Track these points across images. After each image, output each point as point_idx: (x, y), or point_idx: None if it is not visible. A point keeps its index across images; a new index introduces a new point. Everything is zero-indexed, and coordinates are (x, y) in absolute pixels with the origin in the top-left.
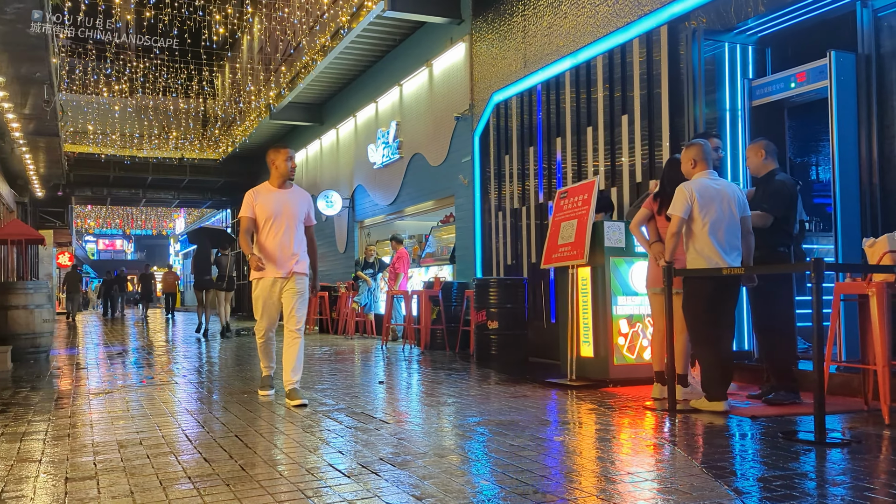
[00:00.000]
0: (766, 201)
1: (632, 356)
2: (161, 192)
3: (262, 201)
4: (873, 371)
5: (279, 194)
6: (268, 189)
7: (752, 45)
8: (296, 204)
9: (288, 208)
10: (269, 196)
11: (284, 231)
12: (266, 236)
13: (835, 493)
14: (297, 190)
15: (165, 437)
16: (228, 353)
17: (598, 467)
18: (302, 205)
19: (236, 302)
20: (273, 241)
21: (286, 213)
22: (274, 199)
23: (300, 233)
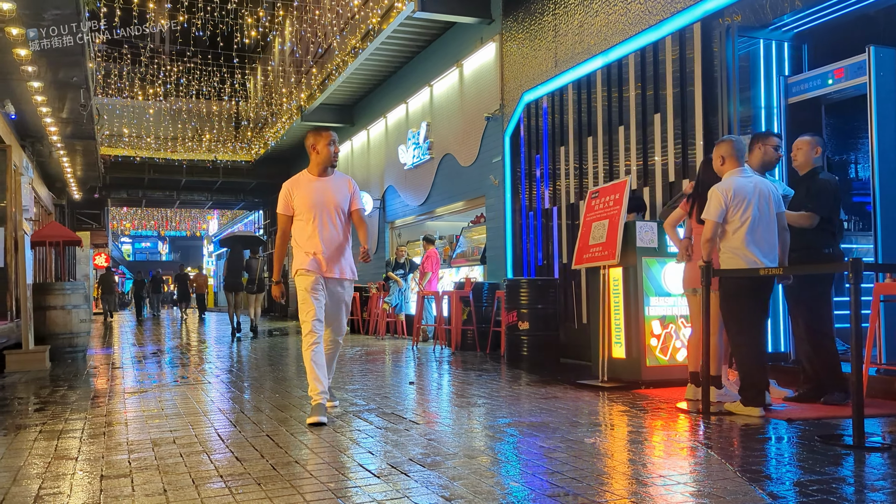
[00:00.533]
0: (810, 201)
1: (665, 357)
2: (195, 193)
3: (302, 193)
4: None
5: (320, 183)
6: (307, 178)
7: (788, 41)
8: (340, 192)
9: (332, 198)
10: (309, 186)
11: (330, 225)
12: (310, 233)
13: (874, 498)
14: (338, 176)
15: (198, 436)
16: (260, 353)
17: (630, 470)
18: (346, 192)
19: (268, 303)
20: (317, 237)
21: (330, 204)
22: (315, 190)
23: (348, 226)
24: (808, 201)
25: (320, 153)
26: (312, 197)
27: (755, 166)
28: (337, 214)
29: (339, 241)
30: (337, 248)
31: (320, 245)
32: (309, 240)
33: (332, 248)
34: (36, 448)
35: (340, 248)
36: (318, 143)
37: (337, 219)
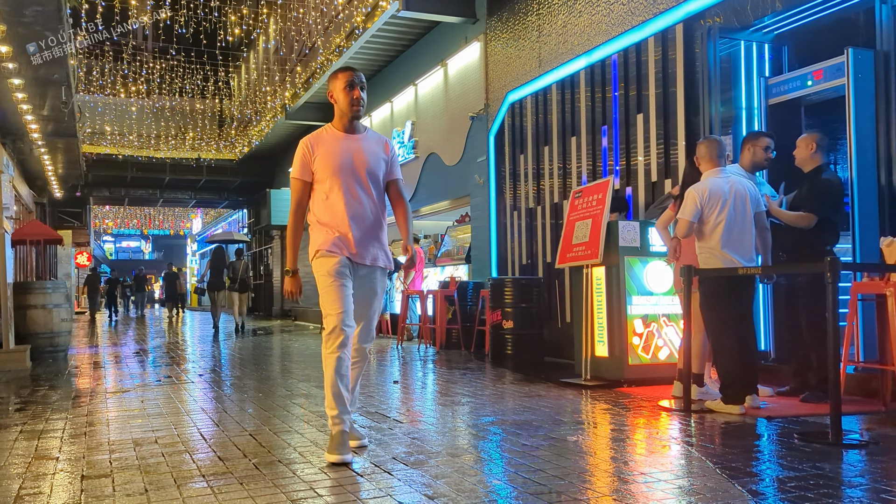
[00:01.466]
0: (810, 201)
1: (647, 356)
2: (178, 192)
3: (325, 152)
4: (892, 372)
5: (349, 141)
6: (332, 134)
7: (769, 42)
8: (372, 154)
9: (364, 160)
10: (334, 144)
11: (362, 195)
12: (334, 205)
13: (851, 494)
14: (372, 135)
15: (180, 435)
16: (244, 352)
17: (612, 467)
18: (381, 155)
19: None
20: (343, 210)
21: (362, 168)
22: (342, 149)
23: (383, 200)
24: (808, 201)
25: (339, 101)
26: (339, 157)
27: (745, 167)
28: (370, 182)
29: (373, 217)
30: (370, 227)
31: (347, 220)
32: (332, 214)
33: (364, 226)
34: (16, 448)
35: (374, 227)
36: (335, 87)
37: (370, 188)
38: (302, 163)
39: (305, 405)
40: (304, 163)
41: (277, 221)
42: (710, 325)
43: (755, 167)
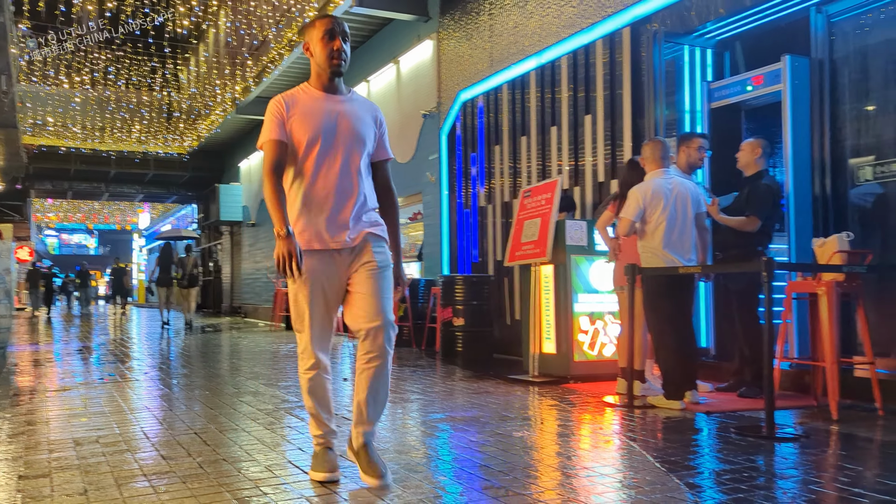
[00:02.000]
0: (753, 205)
1: (592, 353)
2: (124, 186)
3: (302, 114)
4: (823, 368)
5: (330, 103)
6: (309, 95)
7: (711, 48)
8: (360, 121)
9: (349, 126)
10: (312, 105)
11: (342, 167)
12: (310, 177)
13: (783, 486)
14: (358, 98)
15: (123, 434)
16: (192, 349)
17: (557, 462)
18: (369, 122)
19: (202, 299)
20: (323, 184)
21: (345, 135)
22: (322, 111)
23: (368, 172)
24: (751, 205)
25: (316, 54)
26: (319, 120)
27: (682, 167)
28: (359, 154)
29: (358, 194)
30: (357, 206)
31: (329, 201)
32: (310, 191)
33: (350, 205)
34: None
35: (363, 205)
36: (312, 38)
37: (359, 162)
38: (275, 121)
39: (253, 403)
40: (279, 121)
41: (227, 217)
42: (651, 323)
43: (691, 167)
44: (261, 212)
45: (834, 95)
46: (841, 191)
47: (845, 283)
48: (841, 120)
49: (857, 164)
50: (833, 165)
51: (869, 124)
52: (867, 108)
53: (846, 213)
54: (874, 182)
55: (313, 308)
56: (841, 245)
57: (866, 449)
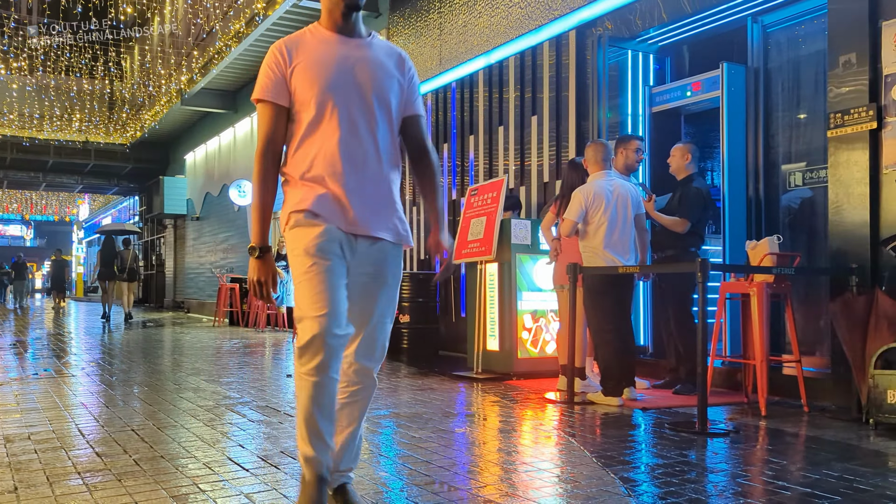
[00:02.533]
0: (681, 208)
1: (535, 350)
2: (63, 176)
3: (309, 62)
4: (753, 366)
5: (345, 47)
6: (319, 37)
7: (654, 53)
8: (382, 69)
9: (369, 76)
10: (322, 50)
11: (364, 129)
12: (321, 144)
13: (713, 479)
14: (379, 43)
15: (56, 431)
16: (132, 344)
17: (497, 458)
18: (394, 73)
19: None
20: (337, 152)
21: (366, 88)
22: (336, 57)
23: (395, 139)
24: (679, 208)
25: None
26: (330, 69)
27: (619, 169)
28: (379, 111)
29: (382, 166)
30: (377, 182)
31: (341, 168)
32: (319, 159)
33: (368, 179)
34: None
35: (383, 181)
36: None
37: (379, 120)
38: (271, 76)
39: (193, 399)
40: (276, 75)
41: (171, 210)
42: (591, 321)
43: (628, 169)
44: (205, 206)
45: (768, 103)
46: (773, 195)
47: (775, 285)
48: (774, 127)
49: (788, 169)
50: (766, 171)
51: (800, 131)
52: (799, 116)
53: (777, 217)
54: (804, 187)
55: (323, 282)
56: (771, 247)
57: (792, 444)
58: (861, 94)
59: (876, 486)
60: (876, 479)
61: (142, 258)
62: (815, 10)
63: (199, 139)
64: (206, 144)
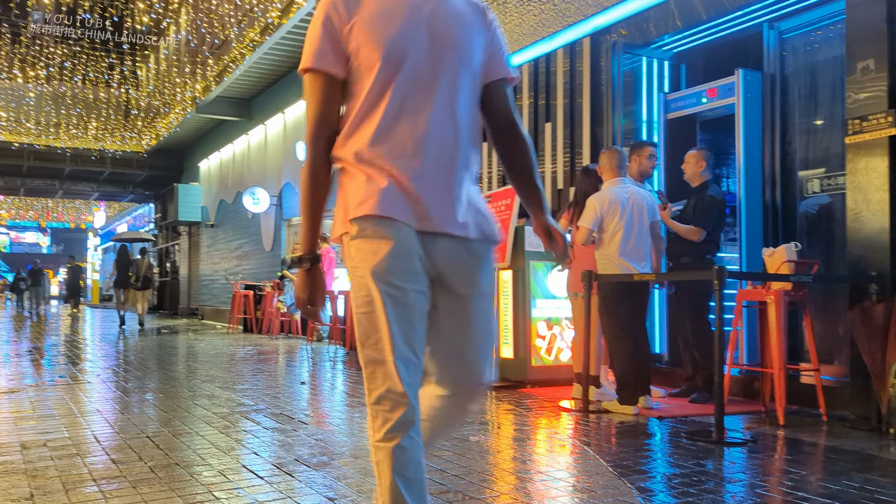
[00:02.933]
0: (696, 216)
1: (549, 358)
2: (79, 183)
3: (371, 16)
4: (771, 374)
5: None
6: None
7: (669, 60)
8: (461, 22)
9: (447, 31)
10: (385, 3)
11: (444, 101)
12: (383, 114)
13: (731, 489)
14: None
15: (72, 438)
16: (146, 351)
17: (512, 466)
18: (477, 26)
19: (158, 300)
20: (414, 130)
21: (446, 47)
22: (403, 10)
23: (475, 106)
24: (695, 216)
25: None
26: (397, 24)
27: (633, 175)
28: (462, 75)
29: (460, 147)
30: (455, 165)
31: (420, 149)
32: (380, 136)
33: (444, 162)
34: None
35: (463, 164)
36: None
37: (461, 88)
38: (322, 38)
39: (208, 406)
40: (329, 37)
41: (185, 217)
42: (606, 329)
43: (642, 175)
44: (220, 213)
45: (784, 109)
46: (790, 202)
47: (792, 292)
48: (791, 133)
49: (805, 176)
50: (783, 177)
51: (817, 138)
52: (816, 123)
53: (795, 224)
54: (822, 194)
55: (394, 315)
56: (789, 255)
57: (810, 453)
58: (880, 100)
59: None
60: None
61: (156, 265)
62: (831, 15)
63: (214, 147)
64: (220, 152)
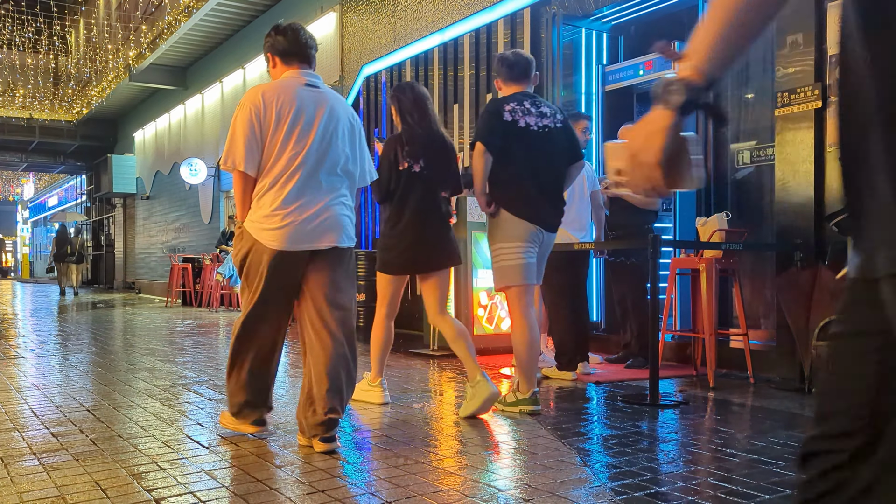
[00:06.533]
0: None
1: (490, 327)
2: (6, 154)
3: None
4: (702, 339)
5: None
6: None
7: (607, 32)
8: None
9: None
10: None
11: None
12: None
13: (664, 448)
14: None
15: (9, 413)
16: (83, 325)
17: (455, 432)
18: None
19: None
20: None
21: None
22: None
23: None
24: None
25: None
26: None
27: None
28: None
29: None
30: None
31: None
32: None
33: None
34: None
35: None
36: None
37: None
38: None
39: (149, 379)
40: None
41: (120, 189)
42: (547, 297)
43: None
44: (156, 184)
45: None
46: (722, 173)
47: (723, 260)
48: (724, 106)
49: (737, 148)
50: (716, 149)
51: (748, 111)
52: (747, 96)
53: (727, 195)
54: (752, 165)
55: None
56: (720, 224)
57: (738, 413)
58: (807, 74)
59: None
60: None
61: (90, 239)
62: None
63: (149, 116)
64: (155, 122)
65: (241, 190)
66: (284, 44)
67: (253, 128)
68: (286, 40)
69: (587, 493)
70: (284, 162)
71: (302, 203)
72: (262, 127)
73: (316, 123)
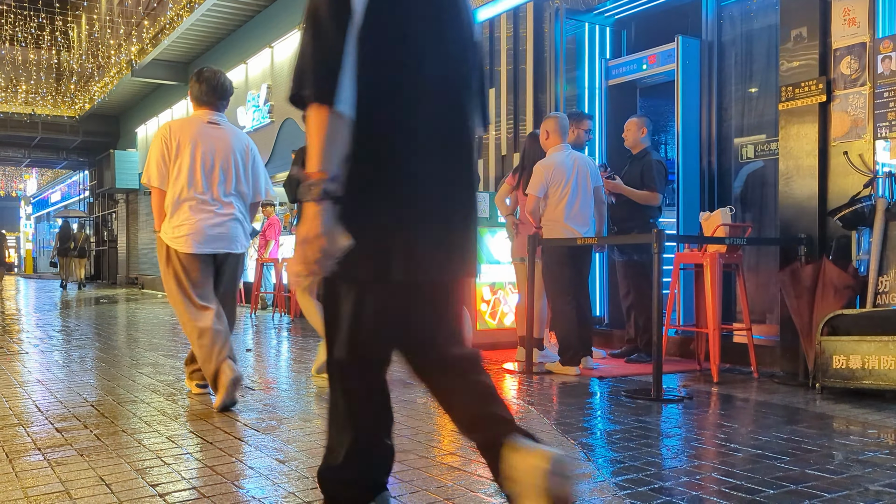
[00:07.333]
0: (650, 181)
1: (493, 322)
2: (9, 149)
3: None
4: (706, 334)
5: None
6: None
7: (610, 26)
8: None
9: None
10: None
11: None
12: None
13: (668, 443)
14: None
15: (13, 408)
16: (87, 321)
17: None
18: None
19: (95, 269)
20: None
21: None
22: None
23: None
24: (646, 181)
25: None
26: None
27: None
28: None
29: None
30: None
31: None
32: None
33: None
34: None
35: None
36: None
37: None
38: (160, 153)
39: (152, 374)
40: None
41: (123, 185)
42: (550, 292)
43: (577, 146)
44: None
45: (721, 76)
46: (726, 167)
47: (727, 255)
48: (728, 100)
49: (741, 142)
50: (719, 143)
51: (753, 105)
52: (751, 90)
53: (730, 189)
54: (756, 160)
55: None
56: (724, 218)
57: (742, 408)
58: (811, 68)
59: (821, 446)
60: (822, 440)
61: (93, 235)
62: None
63: (152, 112)
64: (157, 117)
65: (156, 202)
66: (198, 92)
67: (163, 153)
68: (199, 90)
69: (591, 488)
70: (183, 182)
71: (200, 217)
72: (168, 153)
73: (214, 153)
